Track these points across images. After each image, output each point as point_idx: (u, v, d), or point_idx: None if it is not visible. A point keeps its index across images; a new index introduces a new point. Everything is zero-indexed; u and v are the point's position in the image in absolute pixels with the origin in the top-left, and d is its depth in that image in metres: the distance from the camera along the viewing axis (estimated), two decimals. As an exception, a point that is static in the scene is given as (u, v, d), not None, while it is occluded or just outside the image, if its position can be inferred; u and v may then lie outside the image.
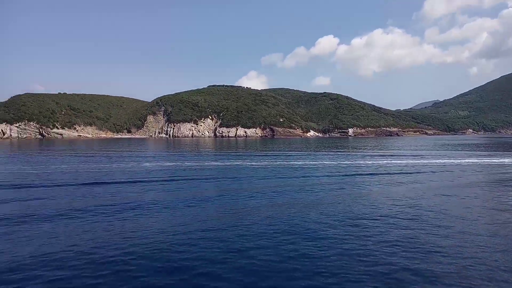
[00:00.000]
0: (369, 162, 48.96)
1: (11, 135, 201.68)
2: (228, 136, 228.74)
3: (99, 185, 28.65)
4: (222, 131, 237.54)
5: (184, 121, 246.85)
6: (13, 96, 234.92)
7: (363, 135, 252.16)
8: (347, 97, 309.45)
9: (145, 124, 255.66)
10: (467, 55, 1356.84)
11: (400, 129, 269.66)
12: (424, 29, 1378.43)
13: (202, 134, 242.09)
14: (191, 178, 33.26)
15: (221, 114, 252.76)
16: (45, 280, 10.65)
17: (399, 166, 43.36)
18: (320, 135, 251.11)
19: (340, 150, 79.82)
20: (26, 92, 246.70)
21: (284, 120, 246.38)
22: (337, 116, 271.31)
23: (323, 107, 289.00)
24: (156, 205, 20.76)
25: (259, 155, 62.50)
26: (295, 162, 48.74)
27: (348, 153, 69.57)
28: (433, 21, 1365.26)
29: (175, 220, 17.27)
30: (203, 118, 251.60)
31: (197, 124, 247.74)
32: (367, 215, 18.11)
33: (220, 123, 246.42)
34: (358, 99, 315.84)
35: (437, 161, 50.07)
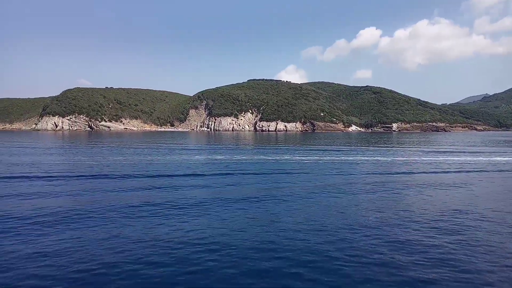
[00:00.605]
0: (425, 158, 46.84)
1: (62, 127, 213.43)
2: (268, 130, 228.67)
3: (163, 177, 29.20)
4: (262, 125, 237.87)
5: (225, 115, 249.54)
6: (65, 91, 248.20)
7: (408, 130, 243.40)
8: (391, 91, 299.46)
9: (187, 118, 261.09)
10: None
11: (447, 125, 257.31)
12: (474, 19, 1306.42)
13: (242, 128, 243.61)
14: (247, 172, 33.17)
15: (261, 108, 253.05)
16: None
17: (459, 163, 41.08)
18: (362, 130, 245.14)
19: (389, 145, 77.28)
20: (76, 86, 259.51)
21: (325, 115, 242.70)
22: (380, 111, 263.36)
23: (365, 101, 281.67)
24: (224, 199, 20.74)
25: (313, 150, 61.69)
26: (348, 158, 47.55)
27: (399, 148, 67.09)
28: (484, 10, 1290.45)
29: (243, 216, 17.11)
30: (243, 112, 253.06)
31: (237, 118, 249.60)
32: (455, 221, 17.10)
33: (260, 117, 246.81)
34: (402, 93, 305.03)
35: (498, 158, 47.05)
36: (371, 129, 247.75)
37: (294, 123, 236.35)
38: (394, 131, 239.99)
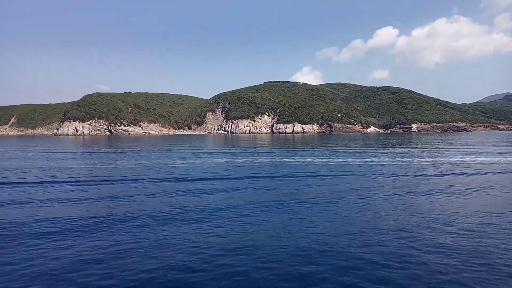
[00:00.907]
0: (452, 159, 45.64)
1: (83, 132, 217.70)
2: (285, 133, 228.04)
3: (189, 181, 29.16)
4: (279, 127, 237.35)
5: (242, 117, 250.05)
6: (84, 96, 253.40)
7: (428, 130, 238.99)
8: (409, 91, 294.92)
9: (205, 121, 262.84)
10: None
11: (468, 124, 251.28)
12: (494, 16, 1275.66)
13: (259, 130, 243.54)
14: (272, 175, 32.88)
15: (278, 111, 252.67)
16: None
17: (487, 163, 39.80)
18: (381, 131, 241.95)
19: (411, 146, 75.86)
20: (95, 91, 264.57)
21: (343, 116, 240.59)
22: (399, 111, 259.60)
23: (383, 102, 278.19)
24: (254, 203, 20.50)
25: (334, 151, 61.04)
26: (372, 159, 46.75)
27: (422, 149, 65.71)
28: (504, 7, 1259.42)
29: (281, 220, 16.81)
30: (260, 115, 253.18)
31: (254, 121, 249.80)
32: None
33: (277, 119, 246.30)
34: (420, 93, 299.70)
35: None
36: (390, 130, 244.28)
37: (311, 125, 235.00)
38: (414, 131, 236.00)
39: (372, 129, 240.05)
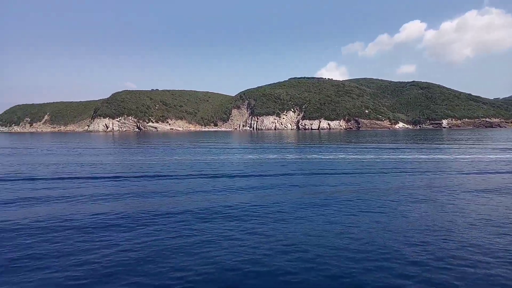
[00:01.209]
0: (492, 156, 43.74)
1: (113, 128, 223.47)
2: (311, 129, 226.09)
3: (223, 177, 29.15)
4: (305, 124, 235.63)
5: (267, 114, 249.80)
6: (114, 93, 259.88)
7: (459, 126, 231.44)
8: (439, 86, 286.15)
9: (230, 118, 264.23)
10: None
11: (502, 120, 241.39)
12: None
13: (285, 126, 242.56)
14: (307, 172, 32.45)
15: (304, 107, 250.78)
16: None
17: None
18: (409, 127, 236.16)
19: (445, 142, 73.50)
20: (124, 89, 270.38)
21: (370, 112, 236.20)
22: (429, 107, 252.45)
23: (412, 97, 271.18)
24: (295, 201, 20.19)
25: (366, 148, 59.88)
26: (406, 156, 45.45)
27: (457, 146, 63.47)
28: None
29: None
30: (285, 111, 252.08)
31: (279, 117, 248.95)
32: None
33: (303, 115, 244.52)
34: (450, 88, 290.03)
35: None
36: (419, 126, 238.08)
37: (338, 121, 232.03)
38: (444, 127, 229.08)
39: (400, 125, 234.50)
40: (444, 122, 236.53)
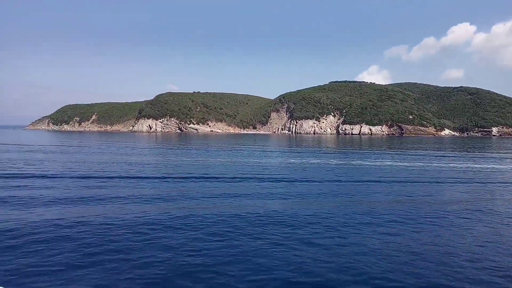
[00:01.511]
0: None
1: (156, 129, 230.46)
2: (352, 134, 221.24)
3: (274, 182, 28.99)
4: (345, 128, 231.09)
5: (306, 118, 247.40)
6: (158, 95, 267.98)
7: (510, 135, 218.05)
8: (488, 91, 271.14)
9: (269, 121, 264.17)
10: None
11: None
12: None
13: (324, 131, 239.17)
14: (357, 179, 31.57)
15: (344, 111, 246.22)
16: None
17: None
18: (456, 134, 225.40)
19: (499, 151, 69.34)
20: (167, 91, 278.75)
21: (414, 117, 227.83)
22: (477, 113, 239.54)
23: (459, 103, 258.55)
24: (357, 212, 19.60)
25: (414, 155, 57.71)
26: (457, 165, 43.21)
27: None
28: None
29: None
30: (325, 115, 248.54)
31: (319, 121, 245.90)
32: None
33: (343, 120, 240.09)
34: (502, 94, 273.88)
35: None
36: (467, 133, 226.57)
37: (380, 126, 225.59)
38: (494, 135, 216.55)
39: (446, 132, 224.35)
40: (494, 129, 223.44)
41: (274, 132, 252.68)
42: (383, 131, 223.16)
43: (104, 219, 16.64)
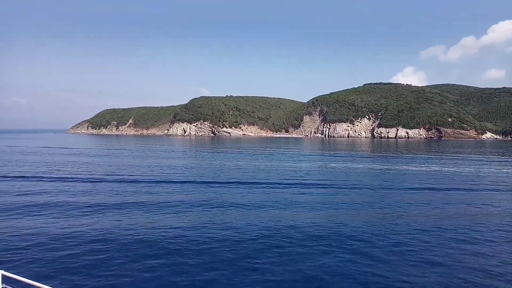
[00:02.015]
0: None
1: (190, 133, 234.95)
2: (388, 137, 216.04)
3: (319, 188, 28.81)
4: (380, 132, 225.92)
5: (340, 121, 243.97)
6: (192, 99, 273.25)
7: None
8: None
9: (302, 124, 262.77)
10: None
11: None
12: None
13: (359, 134, 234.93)
14: (406, 186, 30.80)
15: (379, 114, 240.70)
16: None
17: None
18: (499, 137, 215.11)
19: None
20: (200, 95, 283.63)
21: (454, 120, 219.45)
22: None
23: (502, 105, 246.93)
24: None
25: (464, 159, 55.73)
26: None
27: None
28: None
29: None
30: (359, 118, 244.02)
31: (353, 124, 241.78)
32: None
33: (379, 123, 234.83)
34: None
35: None
36: (510, 137, 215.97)
37: (417, 130, 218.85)
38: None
39: (488, 135, 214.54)
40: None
41: (307, 135, 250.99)
42: (420, 135, 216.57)
43: (153, 225, 17.11)
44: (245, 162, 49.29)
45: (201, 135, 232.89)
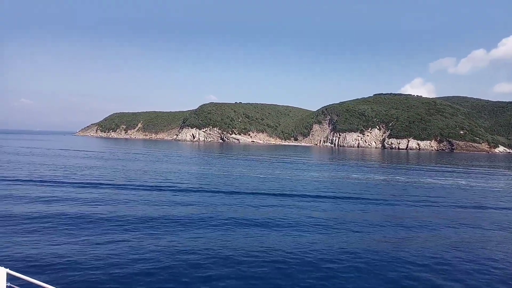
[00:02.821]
0: None
1: (199, 138, 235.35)
2: (398, 148, 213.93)
3: (339, 199, 27.97)
4: (391, 142, 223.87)
5: (350, 130, 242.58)
6: (201, 105, 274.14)
7: None
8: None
9: (311, 133, 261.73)
10: None
11: None
12: None
13: (369, 144, 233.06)
14: (439, 202, 29.75)
15: (390, 124, 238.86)
16: None
17: None
18: (511, 151, 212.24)
19: None
20: (210, 102, 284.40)
21: (466, 133, 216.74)
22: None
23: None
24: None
25: (484, 173, 54.37)
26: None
27: None
28: None
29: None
30: (370, 128, 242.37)
31: (363, 134, 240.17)
32: None
33: (389, 133, 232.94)
34: None
35: None
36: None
37: (429, 141, 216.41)
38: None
39: (501, 149, 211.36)
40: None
41: (316, 144, 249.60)
42: (432, 146, 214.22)
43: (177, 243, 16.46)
44: (266, 170, 48.49)
45: (210, 141, 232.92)
